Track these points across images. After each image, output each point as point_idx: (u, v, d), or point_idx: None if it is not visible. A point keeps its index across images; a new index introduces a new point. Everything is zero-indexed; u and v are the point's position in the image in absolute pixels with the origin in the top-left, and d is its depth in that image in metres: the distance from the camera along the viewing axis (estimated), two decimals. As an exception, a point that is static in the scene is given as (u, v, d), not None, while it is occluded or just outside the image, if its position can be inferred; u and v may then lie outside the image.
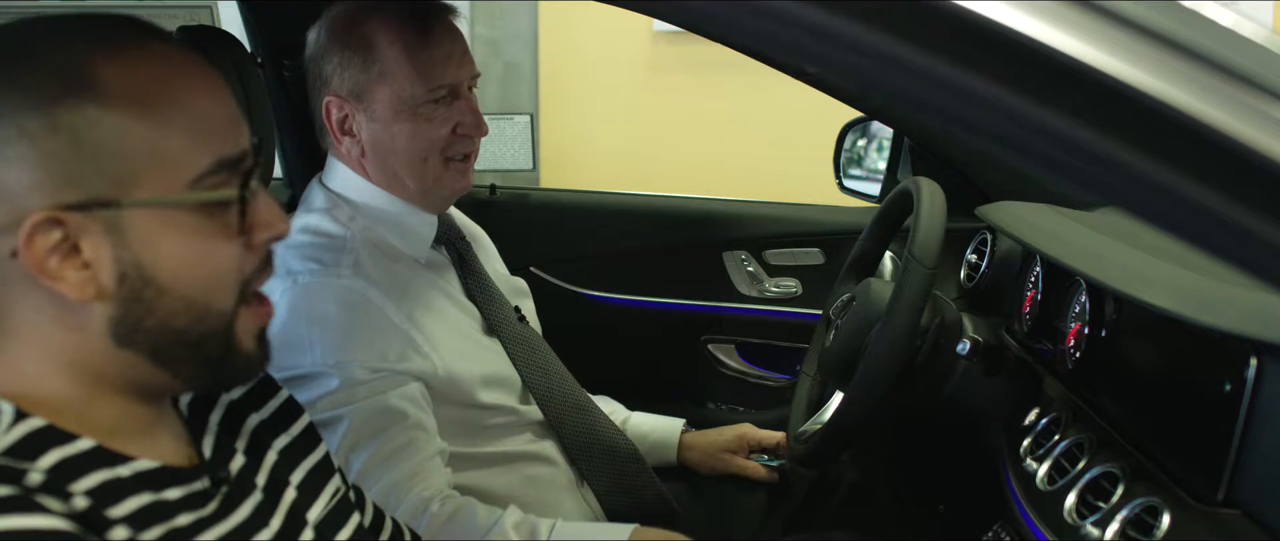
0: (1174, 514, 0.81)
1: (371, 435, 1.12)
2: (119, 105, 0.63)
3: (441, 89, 1.19)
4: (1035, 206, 1.40)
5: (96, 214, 0.63)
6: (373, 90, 1.19)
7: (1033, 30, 0.50)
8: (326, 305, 1.14)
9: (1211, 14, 0.56)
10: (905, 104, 1.30)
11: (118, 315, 0.65)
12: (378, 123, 1.20)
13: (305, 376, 1.12)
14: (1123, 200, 0.54)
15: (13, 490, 0.58)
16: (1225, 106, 0.51)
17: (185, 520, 0.68)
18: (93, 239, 0.63)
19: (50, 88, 0.62)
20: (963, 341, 1.20)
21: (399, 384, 1.15)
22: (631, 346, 2.00)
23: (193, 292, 0.66)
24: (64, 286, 0.63)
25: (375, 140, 1.21)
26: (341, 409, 1.11)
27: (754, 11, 0.52)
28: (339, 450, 1.11)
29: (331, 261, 1.18)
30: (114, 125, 0.63)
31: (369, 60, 1.18)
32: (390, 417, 1.13)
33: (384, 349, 1.15)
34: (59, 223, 0.62)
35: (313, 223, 1.22)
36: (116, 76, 0.63)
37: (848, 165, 1.99)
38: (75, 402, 0.66)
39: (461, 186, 1.25)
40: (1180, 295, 0.87)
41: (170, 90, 0.65)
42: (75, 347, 0.66)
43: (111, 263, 0.64)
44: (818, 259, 1.96)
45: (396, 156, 1.21)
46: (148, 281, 0.65)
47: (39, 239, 0.62)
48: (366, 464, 1.11)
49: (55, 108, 0.62)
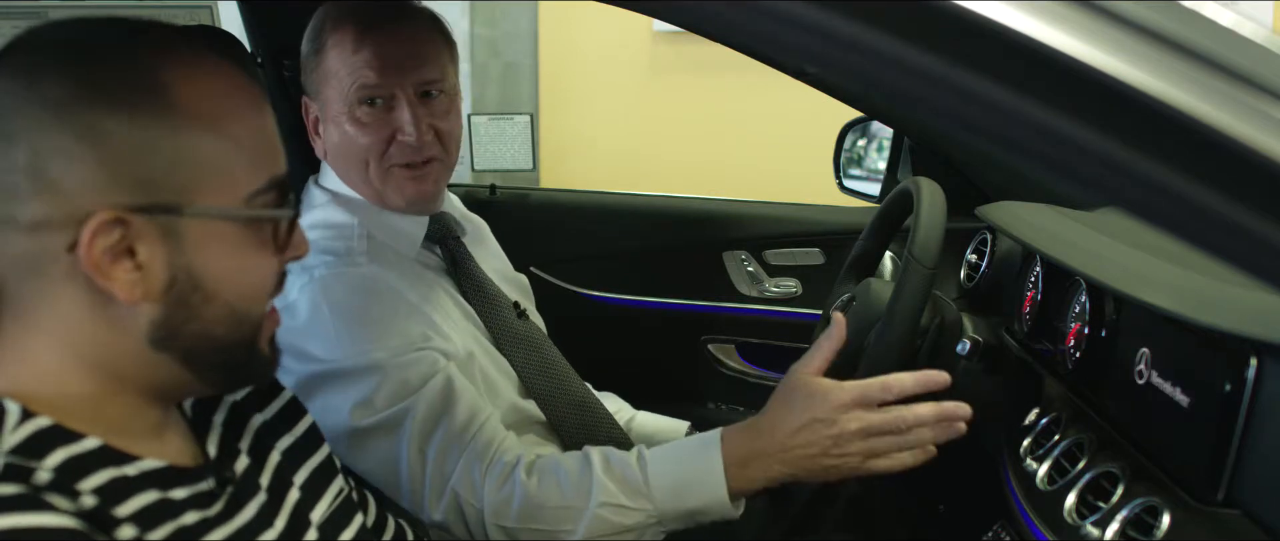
0: (1174, 514, 0.81)
1: (436, 421, 1.09)
2: (193, 117, 0.65)
3: (367, 91, 1.16)
4: (1035, 206, 1.40)
5: (157, 218, 0.64)
6: (322, 91, 1.20)
7: (1033, 30, 0.50)
8: (347, 295, 1.13)
9: (1211, 14, 0.56)
10: (905, 104, 1.30)
11: (160, 318, 0.66)
12: (330, 123, 1.20)
13: (342, 373, 1.10)
14: (1123, 200, 0.54)
15: (21, 488, 0.58)
16: (1225, 106, 0.51)
17: (191, 519, 0.68)
18: (149, 242, 0.64)
19: (127, 91, 0.63)
20: (963, 341, 1.20)
21: (437, 363, 1.13)
22: (631, 346, 2.00)
23: (235, 301, 0.69)
24: (115, 286, 0.64)
25: (330, 141, 1.22)
26: (401, 403, 1.09)
27: (754, 11, 0.52)
28: (410, 445, 1.08)
29: (345, 251, 1.17)
30: (184, 135, 0.65)
31: (319, 59, 1.19)
32: (448, 397, 1.11)
33: (410, 331, 1.14)
34: (122, 223, 0.63)
35: (318, 217, 1.22)
36: (192, 89, 0.65)
37: (848, 165, 2.00)
38: (89, 400, 0.66)
39: (418, 194, 1.21)
40: (1180, 295, 0.87)
41: (238, 108, 0.68)
42: (108, 346, 0.66)
43: (164, 267, 0.65)
44: (818, 259, 1.96)
45: (341, 160, 1.21)
46: (196, 286, 0.66)
47: (101, 238, 0.62)
48: (440, 449, 1.09)
49: (132, 112, 0.63)
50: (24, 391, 0.64)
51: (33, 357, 0.66)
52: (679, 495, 1.07)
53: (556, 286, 2.00)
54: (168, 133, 0.64)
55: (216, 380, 0.73)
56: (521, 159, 2.12)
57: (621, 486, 1.07)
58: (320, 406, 1.07)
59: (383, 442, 1.09)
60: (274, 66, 1.70)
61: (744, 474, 1.06)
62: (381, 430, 1.09)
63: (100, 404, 0.67)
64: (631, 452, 1.11)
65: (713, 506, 1.07)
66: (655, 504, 1.07)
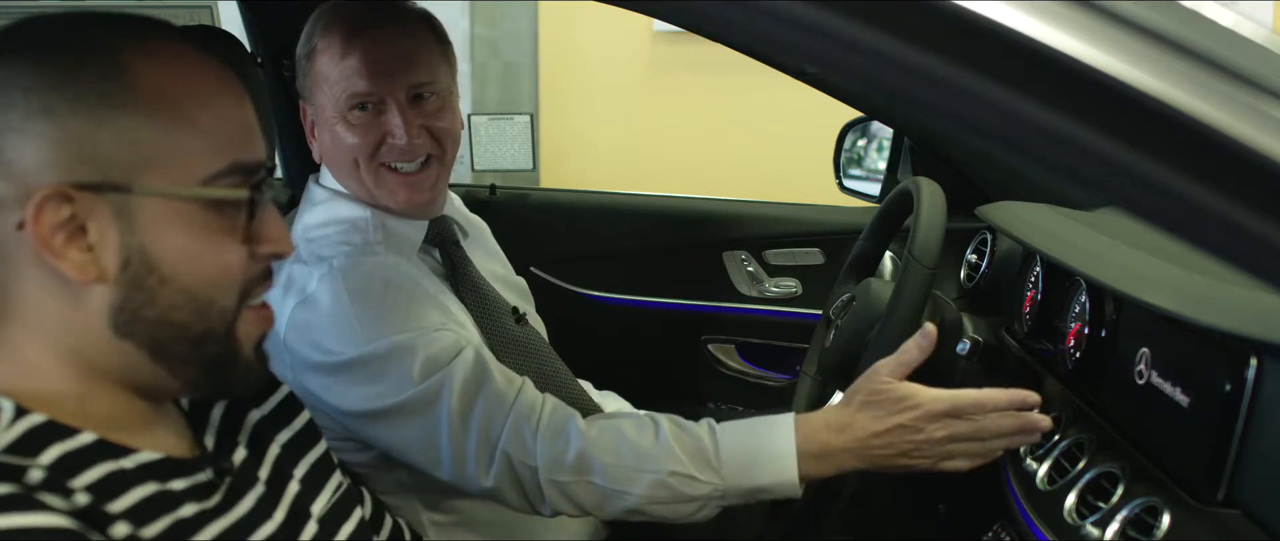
0: (1174, 514, 0.81)
1: (475, 390, 1.09)
2: (146, 98, 0.65)
3: (357, 98, 1.16)
4: (1035, 206, 1.40)
5: (107, 196, 0.64)
6: (314, 93, 1.20)
7: (1033, 30, 0.50)
8: (367, 283, 1.13)
9: (1211, 14, 0.56)
10: (905, 104, 1.30)
11: (118, 301, 0.66)
12: (323, 125, 1.21)
13: (368, 358, 1.09)
14: (1123, 200, 0.54)
15: (13, 488, 0.58)
16: (1225, 106, 0.51)
17: (190, 511, 0.68)
18: (100, 221, 0.64)
19: (82, 72, 0.63)
20: (963, 341, 1.20)
21: (461, 339, 1.13)
22: (631, 346, 2.00)
23: (194, 286, 0.68)
24: (66, 265, 0.64)
25: (322, 143, 1.22)
26: (433, 377, 1.08)
27: (754, 11, 0.52)
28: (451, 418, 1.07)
29: (362, 241, 1.18)
30: (138, 115, 0.64)
31: (311, 64, 1.19)
32: (481, 367, 1.10)
33: (430, 316, 1.15)
34: (68, 199, 0.63)
35: (327, 214, 1.22)
36: (148, 71, 0.65)
37: (848, 165, 2.00)
38: (76, 396, 0.66)
39: (413, 199, 1.21)
40: (1180, 295, 0.87)
41: (196, 91, 0.67)
42: (75, 334, 0.66)
43: (117, 247, 0.65)
44: (818, 259, 1.96)
45: (334, 162, 1.22)
46: (151, 269, 0.66)
47: (47, 213, 0.62)
48: (483, 416, 1.08)
49: (84, 91, 0.63)
50: (15, 388, 0.64)
51: (17, 352, 0.66)
52: (747, 472, 1.08)
53: (556, 286, 2.00)
54: (120, 112, 0.64)
55: (192, 378, 0.71)
56: (521, 159, 2.12)
57: (693, 457, 1.08)
58: (343, 394, 1.08)
59: (418, 419, 1.08)
60: (274, 66, 1.70)
61: (817, 464, 1.08)
62: (415, 407, 1.08)
63: (87, 399, 0.67)
64: (701, 424, 1.12)
65: (780, 486, 1.08)
66: (724, 478, 1.08)
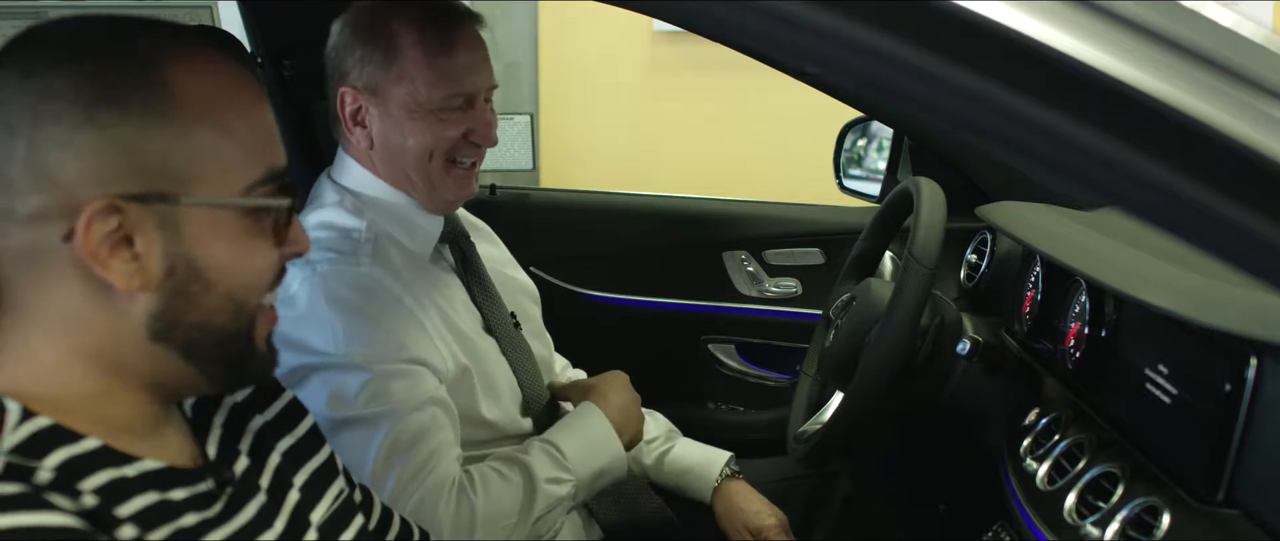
0: (1174, 514, 0.81)
1: (410, 446, 1.13)
2: (189, 108, 0.66)
3: (457, 97, 1.21)
4: (1035, 206, 1.40)
5: (154, 207, 0.65)
6: (390, 88, 1.20)
7: (1033, 30, 0.50)
8: (346, 291, 1.15)
9: (1211, 14, 0.56)
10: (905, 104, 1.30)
11: (159, 309, 0.66)
12: (390, 119, 1.21)
13: (330, 365, 1.12)
14: (1123, 200, 0.54)
15: (22, 488, 0.58)
16: (1225, 106, 0.51)
17: (191, 520, 0.68)
18: (146, 232, 0.65)
19: (126, 83, 0.64)
20: (963, 341, 1.20)
21: (425, 389, 1.16)
22: (631, 346, 1.99)
23: (235, 290, 0.69)
24: (112, 275, 0.64)
25: (385, 136, 1.22)
26: (380, 405, 1.12)
27: (754, 11, 0.52)
28: (379, 453, 1.11)
29: (350, 250, 1.19)
30: (182, 125, 0.65)
31: (389, 58, 1.20)
32: (426, 430, 1.14)
33: (402, 337, 1.16)
34: (118, 211, 0.63)
35: (326, 217, 1.23)
36: (190, 82, 0.66)
37: (848, 165, 1.99)
38: (91, 398, 0.67)
39: (464, 193, 1.27)
40: (1180, 295, 0.87)
41: (235, 101, 0.69)
42: (107, 339, 0.67)
43: (162, 256, 0.66)
44: (818, 259, 1.96)
45: (405, 154, 1.22)
46: (196, 276, 0.67)
47: (96, 226, 0.63)
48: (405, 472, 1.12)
49: (128, 102, 0.64)
50: (24, 390, 0.64)
51: (33, 355, 0.66)
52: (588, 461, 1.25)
53: (556, 286, 2.00)
54: (165, 124, 0.65)
55: (218, 376, 0.73)
56: (521, 159, 2.13)
57: (550, 461, 1.22)
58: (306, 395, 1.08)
59: (354, 437, 1.12)
60: (274, 66, 1.70)
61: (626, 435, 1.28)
62: (355, 426, 1.12)
63: (100, 402, 0.67)
64: (531, 440, 1.25)
65: (614, 465, 1.27)
66: (575, 472, 1.23)
